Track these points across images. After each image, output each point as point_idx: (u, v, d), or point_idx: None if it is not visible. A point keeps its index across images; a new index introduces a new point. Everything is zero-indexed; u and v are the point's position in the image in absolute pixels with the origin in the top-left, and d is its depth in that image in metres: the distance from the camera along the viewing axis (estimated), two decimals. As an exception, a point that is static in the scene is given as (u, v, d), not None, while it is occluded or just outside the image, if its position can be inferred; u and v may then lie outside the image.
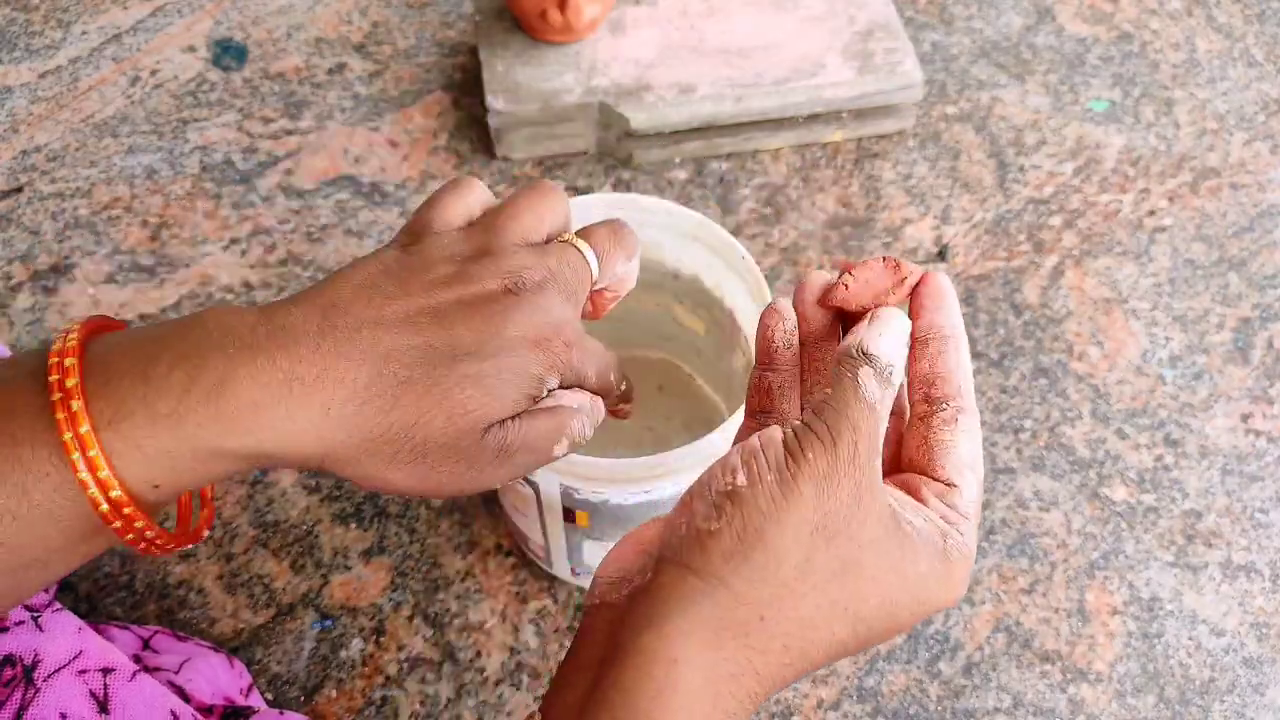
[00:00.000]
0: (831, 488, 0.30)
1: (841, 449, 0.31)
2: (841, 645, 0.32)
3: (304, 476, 0.64)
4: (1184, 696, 0.58)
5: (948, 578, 0.32)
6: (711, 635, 0.30)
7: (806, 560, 0.30)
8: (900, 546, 0.31)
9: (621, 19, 0.79)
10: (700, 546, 0.31)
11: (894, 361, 0.33)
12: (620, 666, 0.30)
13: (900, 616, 0.32)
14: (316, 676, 0.58)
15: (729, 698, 0.30)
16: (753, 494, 0.30)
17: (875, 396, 0.32)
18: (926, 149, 0.80)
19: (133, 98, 0.82)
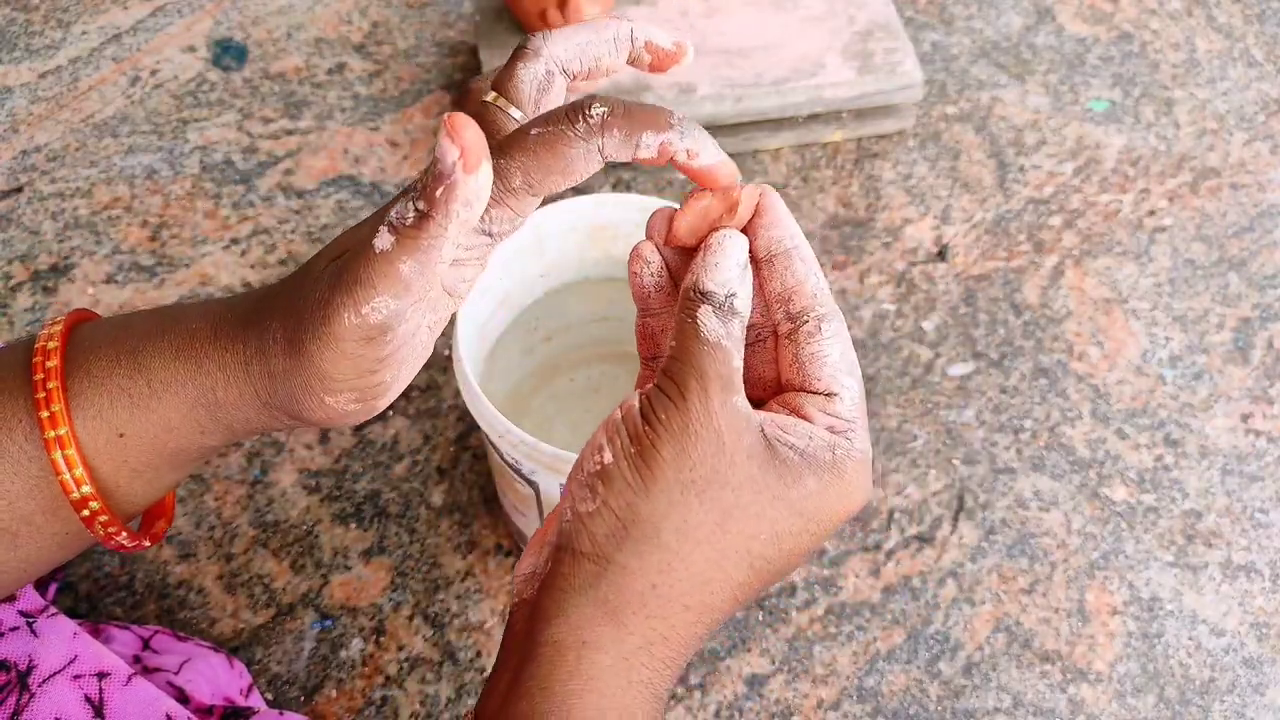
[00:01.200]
0: (690, 442, 0.31)
1: (691, 402, 0.31)
2: (744, 586, 0.32)
3: (304, 476, 0.64)
4: (1184, 696, 0.58)
5: (844, 486, 0.32)
6: (612, 613, 0.31)
7: (684, 520, 0.31)
8: (779, 474, 0.31)
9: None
10: (584, 530, 0.31)
11: (733, 289, 0.33)
12: (534, 659, 0.31)
13: (801, 540, 0.32)
14: (316, 676, 0.58)
15: (642, 668, 0.31)
16: (619, 469, 0.31)
17: (718, 333, 0.32)
18: (926, 149, 0.80)
19: (133, 98, 0.82)
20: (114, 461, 0.34)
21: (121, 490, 0.35)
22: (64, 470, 0.33)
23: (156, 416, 0.34)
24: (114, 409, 0.34)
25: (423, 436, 0.66)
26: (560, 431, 0.62)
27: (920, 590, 0.61)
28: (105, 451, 0.34)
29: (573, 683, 0.31)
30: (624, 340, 0.64)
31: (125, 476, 0.35)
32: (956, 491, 0.65)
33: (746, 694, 0.58)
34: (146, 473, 0.35)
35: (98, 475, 0.34)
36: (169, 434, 0.34)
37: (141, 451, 0.34)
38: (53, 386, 0.33)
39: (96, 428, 0.34)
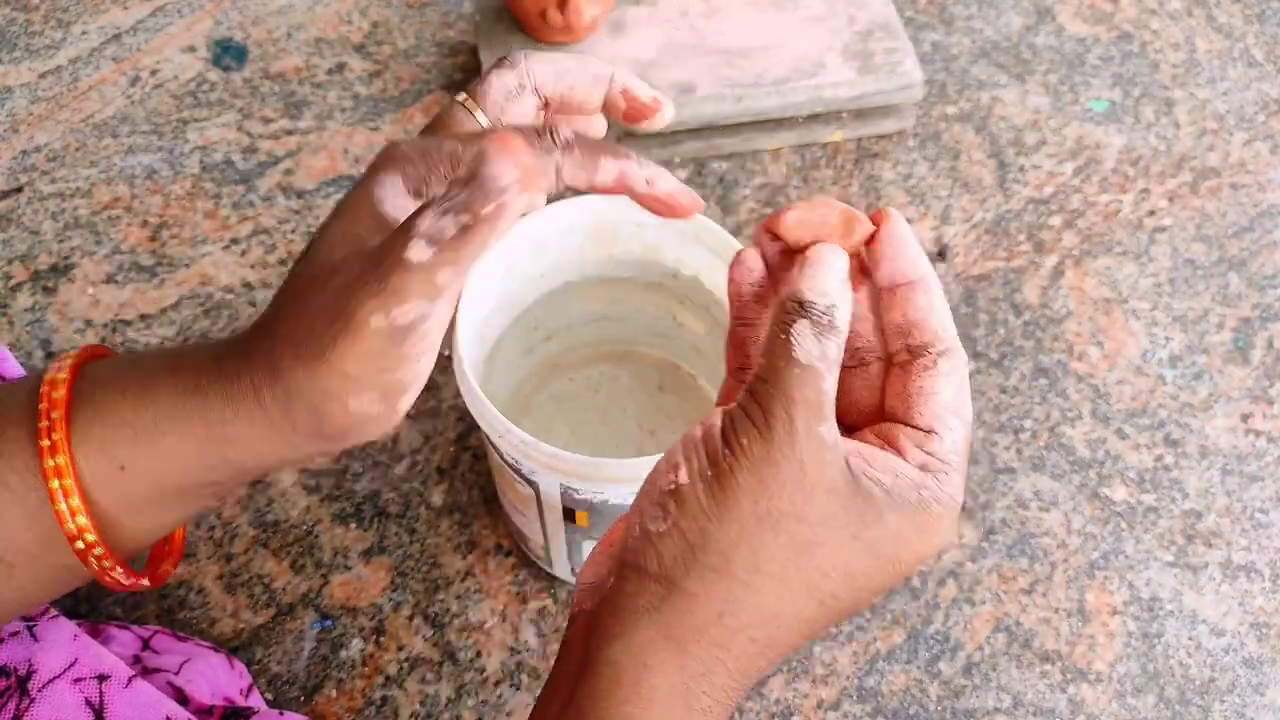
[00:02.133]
0: (770, 472, 0.29)
1: (776, 429, 0.29)
2: (813, 622, 0.31)
3: (304, 476, 0.64)
4: (1184, 696, 0.58)
5: (924, 528, 0.31)
6: (674, 639, 0.30)
7: (755, 552, 0.30)
8: (860, 511, 0.30)
9: (621, 19, 0.79)
10: (653, 550, 0.30)
11: (833, 301, 0.31)
12: (592, 678, 0.30)
13: (874, 579, 0.31)
14: (316, 676, 0.58)
15: (702, 696, 0.30)
16: (694, 492, 0.30)
17: (813, 354, 0.30)
18: (926, 149, 0.80)
19: (133, 98, 0.82)
20: (114, 495, 0.34)
21: (122, 525, 0.34)
22: (60, 500, 0.33)
23: (159, 451, 0.33)
24: (116, 441, 0.33)
25: (423, 436, 0.66)
26: (560, 431, 0.62)
27: (920, 590, 0.61)
28: (105, 484, 0.33)
29: (629, 705, 0.30)
30: (624, 340, 0.64)
31: (126, 511, 0.34)
32: (956, 491, 0.65)
33: (746, 694, 0.58)
34: (148, 509, 0.34)
35: (96, 508, 0.33)
36: (172, 470, 0.34)
37: (143, 486, 0.34)
38: (56, 416, 0.33)
39: (97, 460, 0.33)
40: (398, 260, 0.30)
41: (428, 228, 0.30)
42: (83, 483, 0.33)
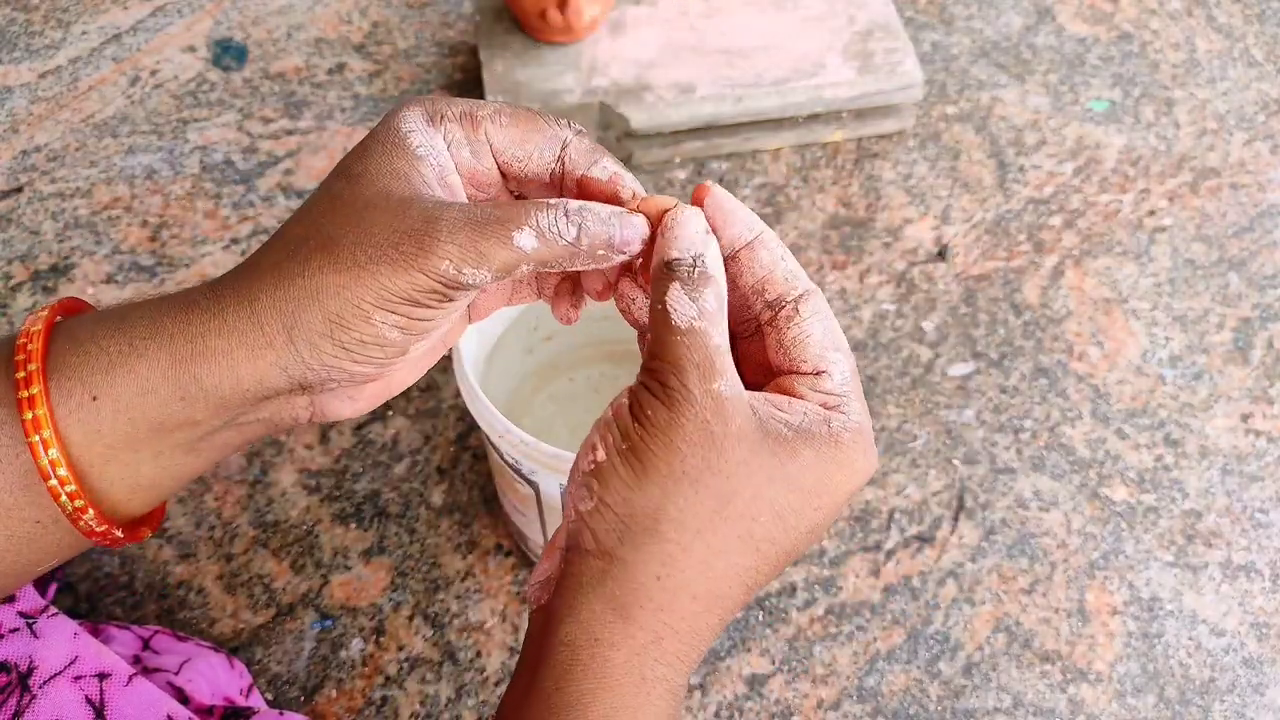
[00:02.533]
0: (677, 434, 0.31)
1: (674, 396, 0.31)
2: (753, 570, 0.32)
3: (304, 476, 0.64)
4: (1184, 696, 0.58)
5: (842, 455, 0.32)
6: (620, 609, 0.31)
7: (680, 511, 0.31)
8: (773, 452, 0.31)
9: (621, 19, 0.79)
10: (586, 529, 0.32)
11: (697, 250, 0.33)
12: (549, 660, 0.31)
13: (806, 516, 0.32)
14: (316, 676, 0.58)
15: (655, 664, 0.31)
16: (612, 466, 0.32)
17: (689, 314, 0.32)
18: (926, 149, 0.80)
19: (133, 98, 0.82)
20: (86, 430, 0.33)
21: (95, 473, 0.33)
22: (33, 432, 0.32)
23: (133, 378, 0.32)
24: (91, 369, 0.33)
25: (423, 436, 0.66)
26: (560, 431, 0.62)
27: (920, 590, 0.61)
28: (77, 417, 0.32)
29: (586, 682, 0.31)
30: (624, 340, 0.64)
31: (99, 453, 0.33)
32: (956, 491, 0.65)
33: (746, 694, 0.58)
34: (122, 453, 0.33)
35: (69, 444, 0.33)
36: (146, 402, 0.33)
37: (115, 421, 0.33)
38: (33, 349, 0.33)
39: (70, 389, 0.32)
40: (505, 235, 0.32)
41: (547, 225, 0.32)
42: (55, 415, 0.32)
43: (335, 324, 0.32)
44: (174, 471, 0.35)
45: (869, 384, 0.69)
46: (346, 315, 0.32)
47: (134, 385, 0.32)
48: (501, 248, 0.32)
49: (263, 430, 0.36)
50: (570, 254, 0.33)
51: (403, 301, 0.32)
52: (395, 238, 0.32)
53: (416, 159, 0.34)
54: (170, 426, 0.33)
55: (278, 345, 0.32)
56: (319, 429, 0.66)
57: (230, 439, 0.35)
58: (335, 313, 0.32)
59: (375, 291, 0.32)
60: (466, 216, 0.32)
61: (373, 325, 0.32)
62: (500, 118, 0.35)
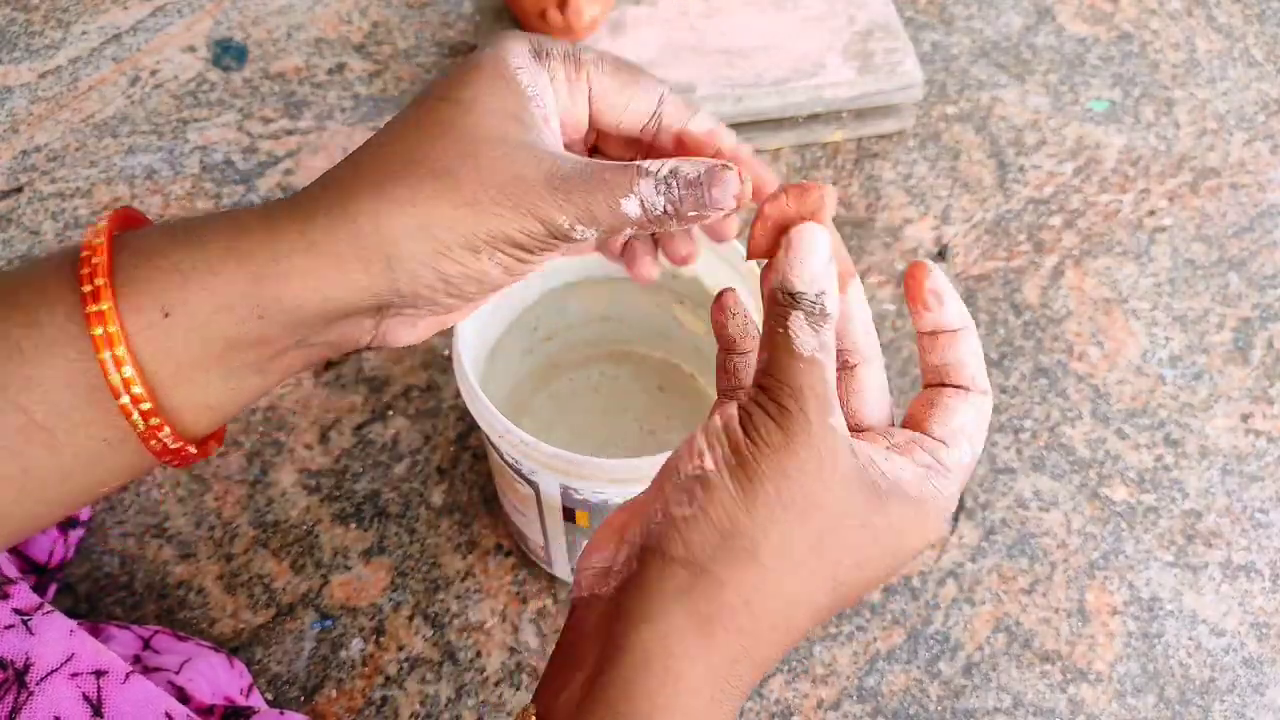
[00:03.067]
0: (791, 461, 0.30)
1: (792, 421, 0.30)
2: (825, 610, 0.32)
3: (304, 476, 0.64)
4: (1184, 696, 0.58)
5: (922, 521, 0.32)
6: (704, 625, 0.30)
7: (782, 540, 0.30)
8: (867, 500, 0.31)
9: (621, 19, 0.79)
10: (678, 535, 0.31)
11: (822, 287, 0.32)
12: (618, 664, 0.30)
13: (878, 569, 0.32)
14: (316, 676, 0.58)
15: (726, 684, 0.30)
16: (720, 478, 0.30)
17: (811, 346, 0.31)
18: (926, 149, 0.80)
19: (133, 98, 0.82)
20: (157, 347, 0.32)
21: (164, 392, 0.32)
22: (104, 349, 0.31)
23: (208, 294, 0.31)
24: (164, 285, 0.32)
25: (423, 436, 0.66)
26: (560, 431, 0.62)
27: (920, 590, 0.61)
28: (149, 334, 0.31)
29: (659, 696, 0.30)
30: (624, 340, 0.64)
31: (170, 372, 0.32)
32: (956, 491, 0.65)
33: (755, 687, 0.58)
34: (193, 373, 0.32)
35: (140, 360, 0.31)
36: (220, 316, 0.32)
37: (188, 337, 0.32)
38: (99, 261, 0.31)
39: (140, 303, 0.31)
40: (614, 200, 0.33)
41: (646, 194, 0.33)
42: (127, 330, 0.31)
43: (442, 255, 0.32)
44: (241, 392, 0.34)
45: (869, 384, 0.69)
46: (456, 249, 0.32)
47: (210, 302, 0.32)
48: (610, 212, 0.33)
49: (326, 352, 0.35)
50: (665, 220, 0.34)
51: (513, 245, 0.32)
52: (516, 183, 0.32)
53: (527, 99, 0.34)
54: (243, 346, 0.33)
55: (374, 270, 0.32)
56: (319, 429, 0.66)
57: (295, 360, 0.34)
58: (445, 244, 0.32)
59: (489, 230, 0.32)
60: (582, 175, 0.33)
61: (479, 262, 0.32)
62: (604, 64, 0.35)
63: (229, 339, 0.32)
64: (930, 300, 0.34)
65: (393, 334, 0.35)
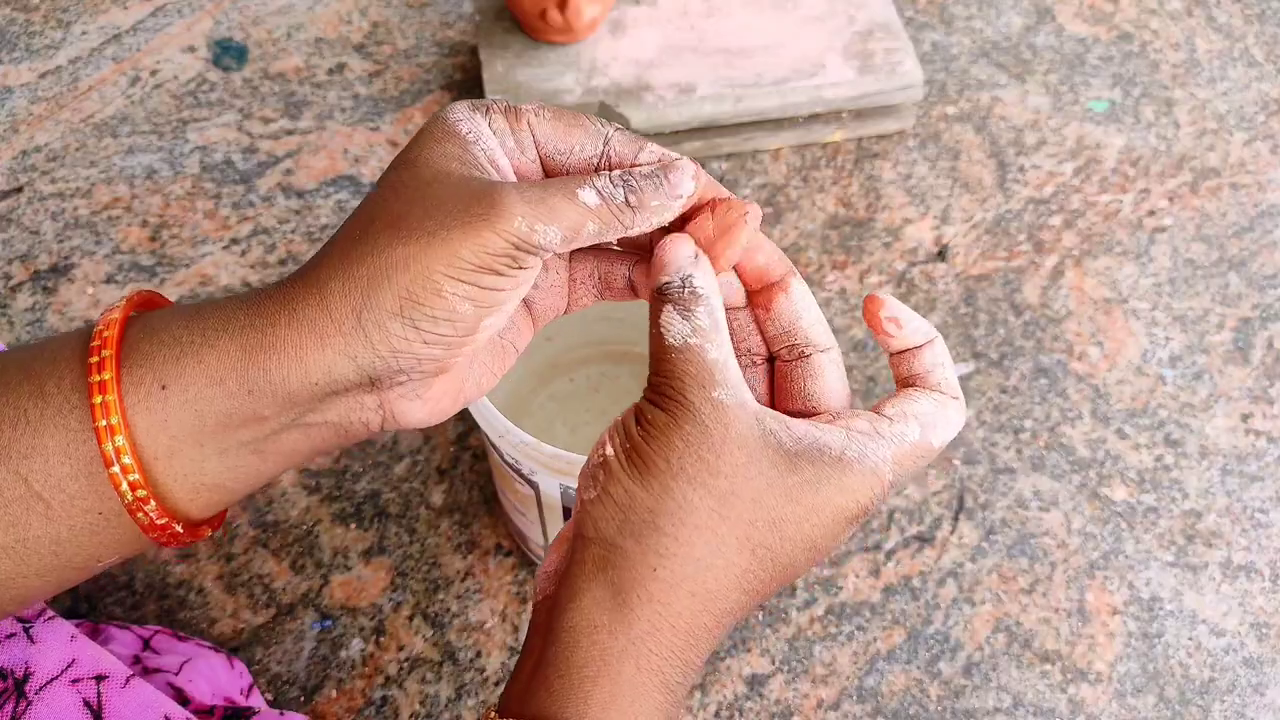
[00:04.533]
0: (675, 434, 0.32)
1: (671, 403, 0.33)
2: (749, 574, 0.33)
3: (304, 476, 0.64)
4: (1184, 696, 0.58)
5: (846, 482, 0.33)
6: (618, 595, 0.32)
7: (679, 506, 0.32)
8: (774, 463, 0.32)
9: (621, 19, 0.79)
10: (589, 517, 0.33)
11: (686, 272, 0.34)
12: (553, 645, 0.32)
13: (804, 529, 0.33)
14: (316, 676, 0.58)
15: (651, 655, 0.32)
16: (616, 460, 0.33)
17: (682, 333, 0.33)
18: (926, 149, 0.80)
19: (133, 98, 0.82)
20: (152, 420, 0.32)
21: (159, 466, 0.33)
22: (100, 417, 0.32)
23: (202, 368, 0.32)
24: (163, 359, 0.33)
25: (423, 436, 0.66)
26: (560, 431, 0.62)
27: (920, 590, 0.61)
28: (145, 405, 0.32)
29: (588, 668, 0.32)
30: (624, 340, 0.64)
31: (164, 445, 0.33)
32: (956, 491, 0.65)
33: (746, 694, 0.58)
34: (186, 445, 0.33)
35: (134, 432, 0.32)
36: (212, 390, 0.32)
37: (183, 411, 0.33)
38: (109, 335, 0.32)
39: (141, 376, 0.32)
40: (569, 191, 0.33)
41: (603, 185, 0.34)
42: (124, 402, 0.32)
43: (406, 300, 0.32)
44: (239, 473, 0.34)
45: (869, 384, 0.69)
46: (417, 289, 0.32)
47: (202, 376, 0.32)
48: (568, 203, 0.33)
49: (331, 436, 0.35)
50: (629, 211, 0.34)
51: (474, 269, 0.32)
52: (464, 203, 0.32)
53: (467, 143, 0.34)
54: (236, 422, 0.33)
55: (346, 329, 0.32)
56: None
57: (297, 443, 0.35)
58: (406, 288, 0.32)
59: (446, 259, 0.32)
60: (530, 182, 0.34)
61: (444, 298, 0.32)
62: (543, 112, 0.36)
63: (221, 415, 0.33)
64: (889, 327, 0.36)
65: (401, 411, 0.35)
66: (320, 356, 0.32)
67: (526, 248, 0.32)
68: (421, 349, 0.33)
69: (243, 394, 0.33)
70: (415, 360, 0.33)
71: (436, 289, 0.32)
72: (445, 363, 0.34)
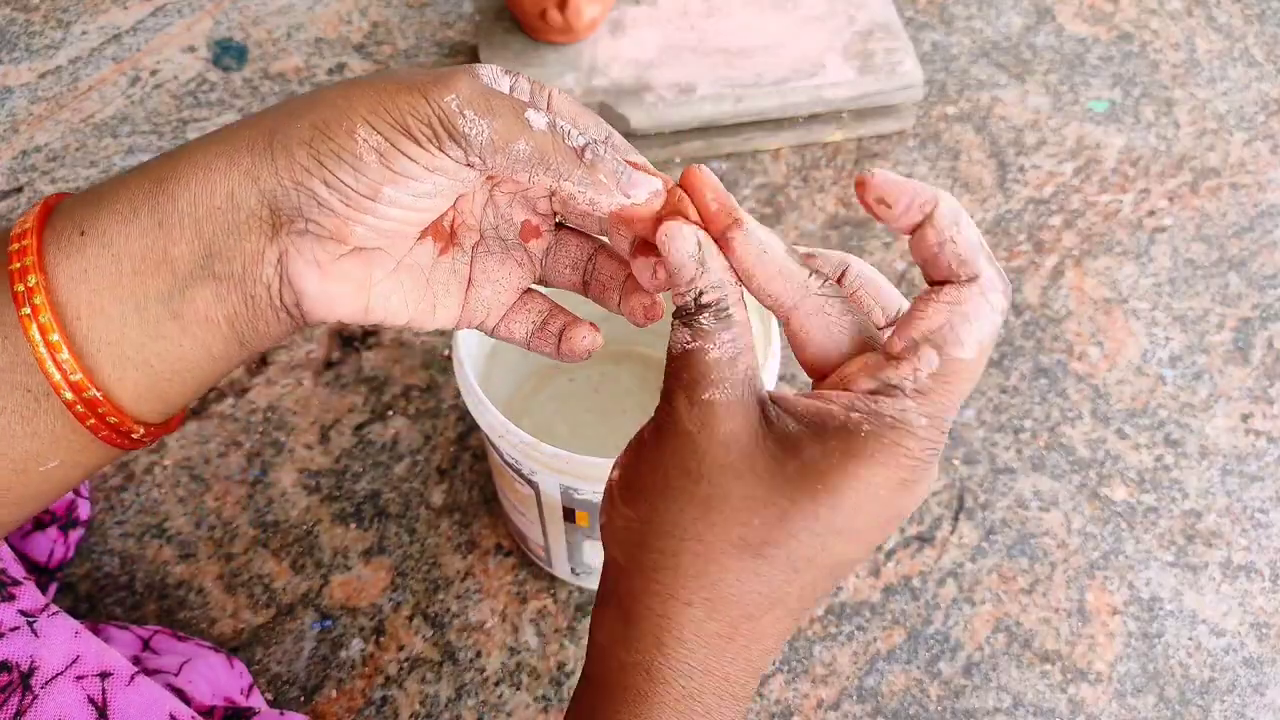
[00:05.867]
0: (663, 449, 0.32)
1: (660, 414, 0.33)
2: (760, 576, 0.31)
3: (304, 476, 0.64)
4: (1184, 696, 0.58)
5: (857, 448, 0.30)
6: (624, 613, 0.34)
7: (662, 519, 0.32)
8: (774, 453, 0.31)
9: (621, 19, 0.79)
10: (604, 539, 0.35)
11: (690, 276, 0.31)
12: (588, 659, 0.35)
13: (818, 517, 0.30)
14: (316, 676, 0.58)
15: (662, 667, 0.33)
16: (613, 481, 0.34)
17: (681, 340, 0.32)
18: (926, 149, 0.80)
19: (133, 98, 0.82)
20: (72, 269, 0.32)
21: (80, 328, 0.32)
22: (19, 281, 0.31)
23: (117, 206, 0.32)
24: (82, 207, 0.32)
25: (423, 436, 0.66)
26: (560, 431, 0.62)
27: (920, 590, 0.61)
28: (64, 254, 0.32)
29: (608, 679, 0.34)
30: (624, 340, 0.64)
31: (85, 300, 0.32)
32: (956, 491, 0.65)
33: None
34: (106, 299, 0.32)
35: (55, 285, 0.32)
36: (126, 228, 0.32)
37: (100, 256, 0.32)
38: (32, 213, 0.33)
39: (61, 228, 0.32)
40: (520, 106, 0.32)
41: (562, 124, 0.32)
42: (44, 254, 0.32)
43: (318, 130, 0.32)
44: (162, 345, 0.33)
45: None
46: (332, 122, 0.32)
47: (117, 214, 0.32)
48: (510, 111, 0.31)
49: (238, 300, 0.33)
50: (573, 160, 0.32)
51: (393, 124, 0.31)
52: (418, 74, 0.32)
53: None
54: (150, 265, 0.32)
55: (257, 149, 0.32)
56: (319, 429, 0.66)
57: (207, 305, 0.33)
58: (322, 119, 0.32)
59: (370, 104, 0.31)
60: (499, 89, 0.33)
61: (354, 140, 0.31)
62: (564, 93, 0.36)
63: (135, 256, 0.32)
64: (880, 210, 0.31)
65: (297, 272, 0.33)
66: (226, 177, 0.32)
67: (450, 128, 0.31)
68: (321, 189, 0.32)
69: (154, 227, 0.32)
70: (314, 201, 0.32)
71: (350, 127, 0.31)
72: (343, 221, 0.32)
